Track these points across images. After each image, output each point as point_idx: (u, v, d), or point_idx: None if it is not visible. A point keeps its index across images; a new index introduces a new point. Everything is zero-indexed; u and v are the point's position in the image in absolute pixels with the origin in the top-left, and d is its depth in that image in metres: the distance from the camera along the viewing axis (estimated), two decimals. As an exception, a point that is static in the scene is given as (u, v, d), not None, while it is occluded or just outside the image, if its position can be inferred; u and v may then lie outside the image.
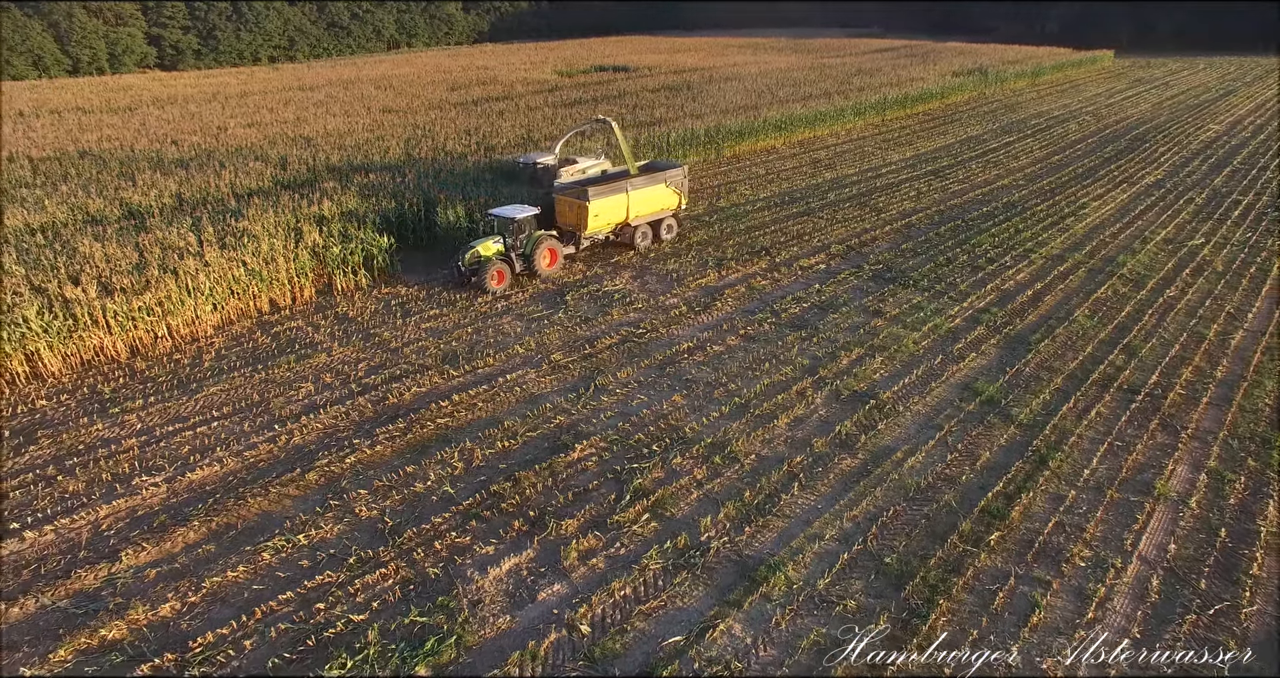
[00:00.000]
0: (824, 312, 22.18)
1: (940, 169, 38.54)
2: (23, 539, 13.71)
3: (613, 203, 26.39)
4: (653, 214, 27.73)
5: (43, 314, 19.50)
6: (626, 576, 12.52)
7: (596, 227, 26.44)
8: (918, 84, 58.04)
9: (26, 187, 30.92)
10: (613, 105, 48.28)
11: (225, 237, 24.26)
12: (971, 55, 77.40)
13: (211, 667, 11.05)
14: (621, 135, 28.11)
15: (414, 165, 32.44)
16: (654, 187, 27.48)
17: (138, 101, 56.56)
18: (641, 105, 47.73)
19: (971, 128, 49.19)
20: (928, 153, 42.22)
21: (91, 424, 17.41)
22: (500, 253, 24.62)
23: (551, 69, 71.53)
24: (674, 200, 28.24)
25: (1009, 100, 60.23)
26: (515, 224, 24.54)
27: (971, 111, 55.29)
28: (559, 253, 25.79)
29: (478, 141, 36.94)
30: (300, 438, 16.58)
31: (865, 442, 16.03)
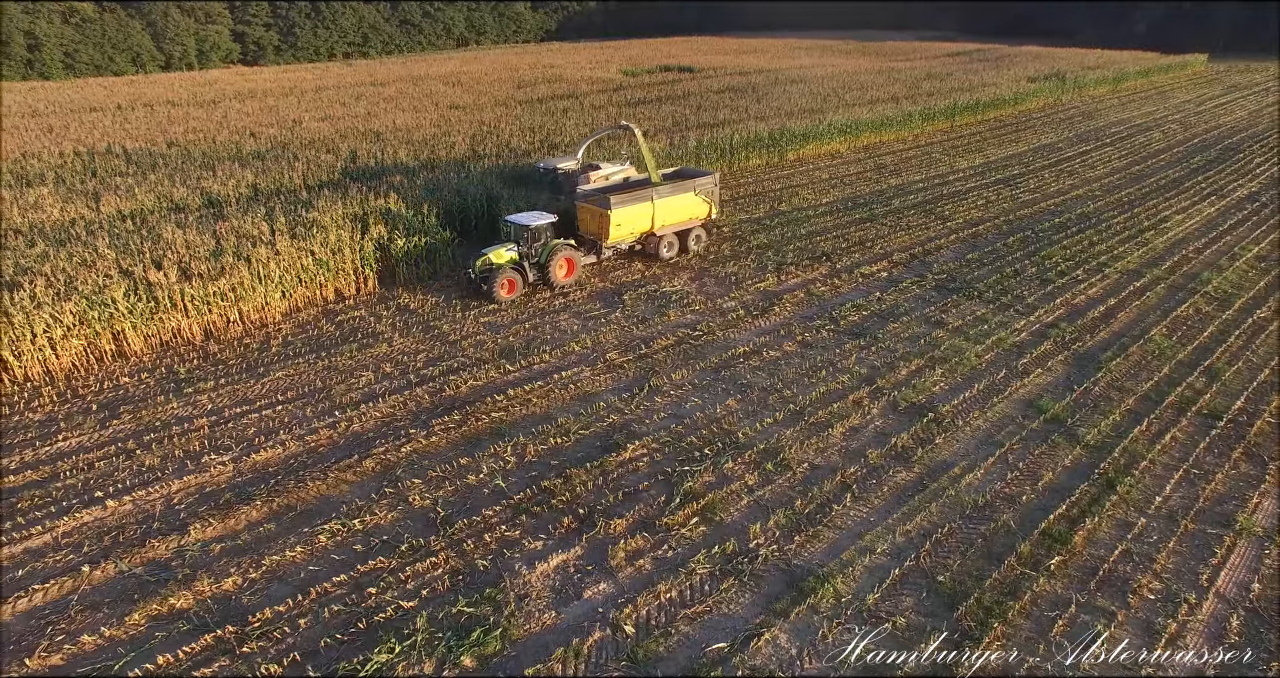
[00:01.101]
0: (884, 320, 21.72)
1: (1011, 178, 37.35)
2: (105, 507, 14.44)
3: (637, 212, 25.42)
4: (680, 224, 26.70)
5: (129, 296, 20.49)
6: (673, 578, 12.47)
7: (619, 236, 25.57)
8: (990, 89, 56.38)
9: (120, 175, 32.53)
10: (676, 106, 48.24)
11: (296, 227, 25.08)
12: (1048, 60, 74.83)
13: (268, 642, 11.41)
14: (643, 141, 27.03)
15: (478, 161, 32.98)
16: (682, 195, 26.42)
17: (221, 95, 58.98)
18: (705, 107, 47.56)
19: (1045, 135, 47.55)
20: (998, 160, 40.97)
21: (168, 402, 18.22)
22: (513, 261, 23.69)
23: (616, 68, 71.86)
24: (703, 210, 27.16)
25: (1087, 107, 58.02)
26: (530, 232, 23.67)
27: (1046, 119, 53.45)
28: (576, 263, 24.76)
29: (541, 139, 37.35)
30: (359, 425, 17.02)
31: (922, 456, 15.63)
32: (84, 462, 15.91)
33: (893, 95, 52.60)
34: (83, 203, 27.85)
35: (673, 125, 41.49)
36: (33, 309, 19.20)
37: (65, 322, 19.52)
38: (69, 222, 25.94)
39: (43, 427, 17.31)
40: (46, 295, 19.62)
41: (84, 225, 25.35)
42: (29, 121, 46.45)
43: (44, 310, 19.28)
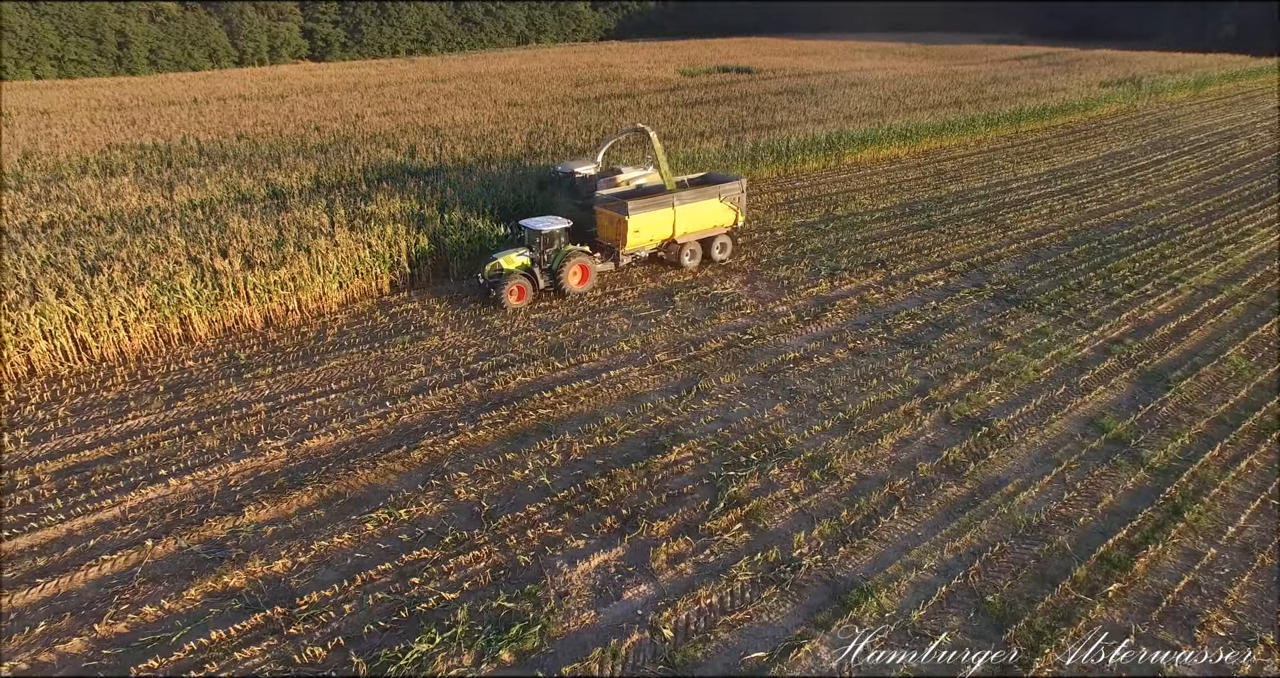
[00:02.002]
0: (939, 330, 21.19)
1: (1077, 186, 36.08)
2: (168, 485, 15.01)
3: (656, 218, 24.61)
4: (703, 231, 25.88)
5: (196, 282, 21.25)
6: (714, 584, 12.36)
7: (638, 243, 24.83)
8: (1058, 94, 54.59)
9: (193, 166, 33.80)
10: (733, 107, 47.94)
11: (354, 219, 25.70)
12: (1123, 63, 72.06)
13: (314, 625, 11.68)
14: (659, 146, 26.05)
15: (534, 159, 33.30)
16: (705, 202, 25.50)
17: (289, 90, 60.81)
18: (763, 108, 47.15)
19: (1117, 143, 45.82)
20: (1064, 168, 39.63)
21: (228, 386, 18.83)
22: (524, 267, 23.08)
23: (674, 68, 71.78)
24: (729, 217, 26.23)
25: (1164, 114, 55.71)
26: (543, 237, 23.07)
27: (1119, 125, 51.50)
28: (591, 270, 24.03)
29: (597, 138, 37.49)
30: (409, 417, 17.32)
31: (974, 471, 15.19)
32: (150, 440, 16.55)
33: (955, 99, 51.37)
34: (158, 192, 29.02)
35: (729, 126, 41.25)
36: (110, 292, 20.07)
37: (138, 305, 20.36)
38: (145, 210, 27.06)
39: (115, 405, 18.08)
40: (123, 280, 20.50)
41: (158, 214, 26.42)
42: (115, 115, 48.61)
43: (120, 294, 20.14)
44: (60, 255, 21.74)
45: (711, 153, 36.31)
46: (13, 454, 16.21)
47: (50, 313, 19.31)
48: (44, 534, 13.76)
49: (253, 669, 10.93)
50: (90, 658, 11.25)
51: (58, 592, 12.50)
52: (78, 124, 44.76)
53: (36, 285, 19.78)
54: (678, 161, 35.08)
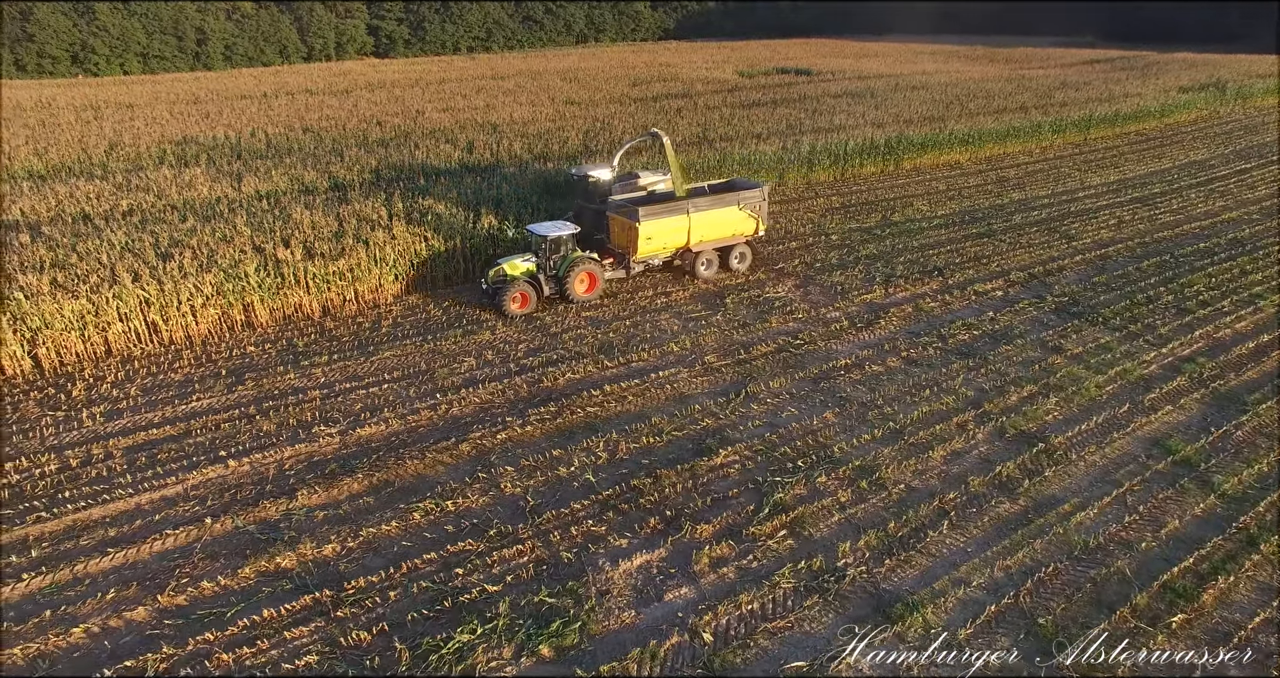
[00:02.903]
0: (996, 342, 20.63)
1: (1150, 196, 34.72)
2: (227, 466, 15.55)
3: (669, 225, 23.90)
4: (721, 240, 25.04)
5: (259, 271, 21.96)
6: (756, 590, 12.26)
7: (650, 250, 24.13)
8: (1133, 100, 52.56)
9: (261, 158, 34.95)
10: (791, 109, 47.43)
11: (412, 213, 26.23)
12: (1206, 67, 68.83)
13: (360, 610, 11.95)
14: (671, 151, 25.05)
15: (590, 157, 33.47)
16: (723, 209, 24.70)
17: (354, 85, 62.36)
18: (821, 111, 46.52)
19: (1196, 151, 43.92)
20: (1136, 178, 38.16)
21: (286, 373, 19.41)
22: (528, 273, 22.61)
23: (732, 69, 71.38)
24: (749, 225, 25.39)
25: (1251, 121, 53.13)
26: (548, 243, 22.55)
27: (1198, 133, 49.35)
28: (599, 278, 23.40)
29: (653, 138, 37.47)
30: (458, 409, 17.59)
31: (1029, 487, 14.73)
32: (212, 422, 17.17)
33: (1021, 105, 49.88)
34: (228, 183, 30.06)
35: (786, 128, 40.83)
36: (180, 278, 20.88)
37: (205, 291, 21.13)
38: (215, 200, 28.05)
39: (181, 387, 18.81)
40: (192, 266, 21.32)
41: (227, 204, 27.37)
42: (191, 108, 50.55)
43: (189, 280, 20.93)
44: (137, 242, 22.70)
45: (768, 155, 36.02)
46: (89, 429, 17.02)
47: (126, 296, 20.18)
48: (115, 507, 14.41)
49: (301, 649, 11.24)
50: (153, 627, 11.74)
51: (125, 562, 13.09)
52: (158, 117, 46.69)
53: (115, 270, 20.69)
54: (733, 164, 34.97)
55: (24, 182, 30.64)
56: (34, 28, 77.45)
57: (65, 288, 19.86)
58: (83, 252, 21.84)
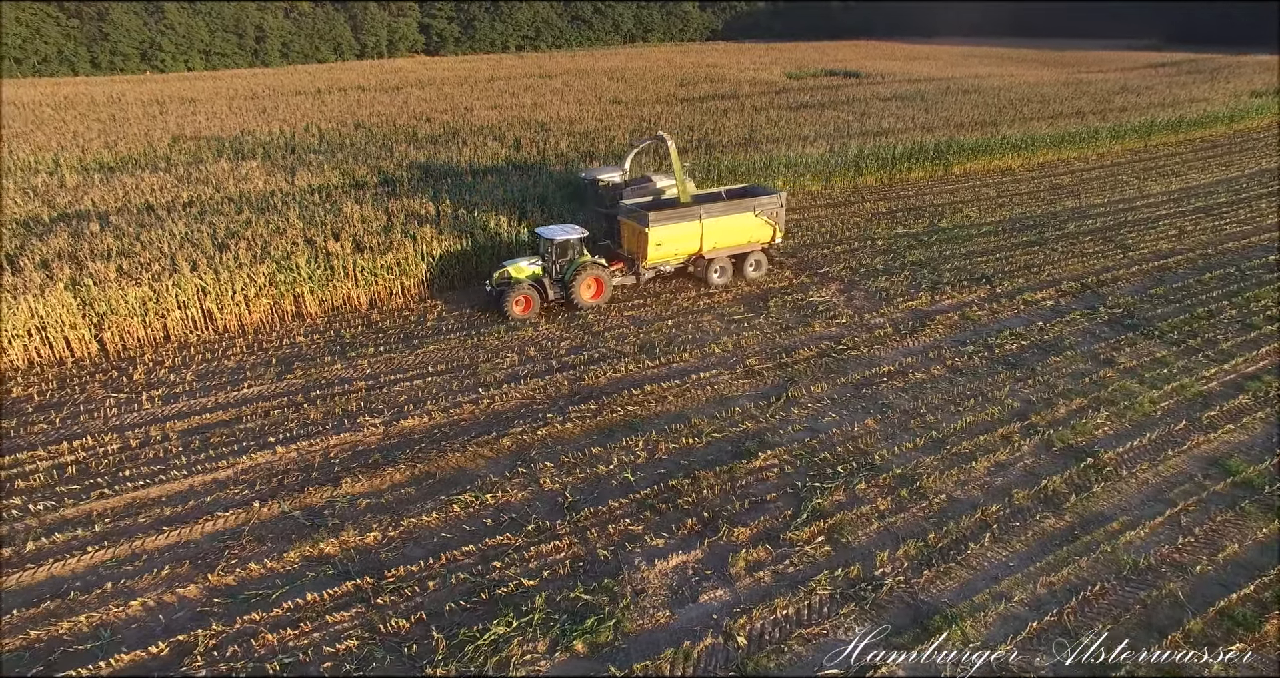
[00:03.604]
0: (1045, 353, 20.16)
1: (1215, 206, 33.51)
2: (275, 452, 15.99)
3: (681, 231, 23.41)
4: (734, 247, 24.50)
5: (310, 263, 22.51)
6: (792, 595, 12.20)
7: (660, 256, 23.71)
8: (1199, 105, 50.74)
9: (314, 152, 35.82)
10: (839, 112, 46.94)
11: (458, 209, 26.62)
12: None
13: (399, 598, 12.19)
14: (676, 155, 24.48)
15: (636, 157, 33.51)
16: (737, 215, 24.12)
17: (404, 82, 63.47)
18: (869, 114, 45.95)
19: (1268, 159, 42.22)
20: (1200, 186, 36.88)
21: (333, 363, 19.87)
22: (533, 276, 22.33)
23: (780, 70, 70.90)
24: (765, 232, 24.81)
25: (1327, 129, 50.90)
26: (555, 246, 22.30)
27: (1272, 140, 47.41)
28: (606, 283, 22.95)
29: (700, 138, 37.48)
30: (500, 404, 17.82)
31: (1075, 503, 14.37)
32: (262, 409, 17.67)
33: (1078, 110, 48.58)
34: (282, 176, 30.89)
35: (834, 131, 40.41)
36: (235, 268, 21.53)
37: (259, 282, 21.75)
38: (269, 193, 28.86)
39: (233, 374, 19.39)
40: (246, 257, 21.96)
41: (280, 197, 28.13)
42: (249, 103, 52.03)
43: (243, 270, 21.57)
44: (196, 232, 23.47)
45: (815, 158, 35.72)
46: (148, 411, 17.69)
47: (185, 284, 20.88)
48: (171, 487, 14.95)
49: (342, 633, 11.52)
50: (204, 604, 12.15)
51: (179, 540, 13.58)
52: (218, 112, 48.14)
53: (175, 259, 21.42)
54: (779, 167, 34.80)
55: (95, 173, 31.89)
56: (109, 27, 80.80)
57: (129, 275, 20.63)
58: (146, 241, 22.66)
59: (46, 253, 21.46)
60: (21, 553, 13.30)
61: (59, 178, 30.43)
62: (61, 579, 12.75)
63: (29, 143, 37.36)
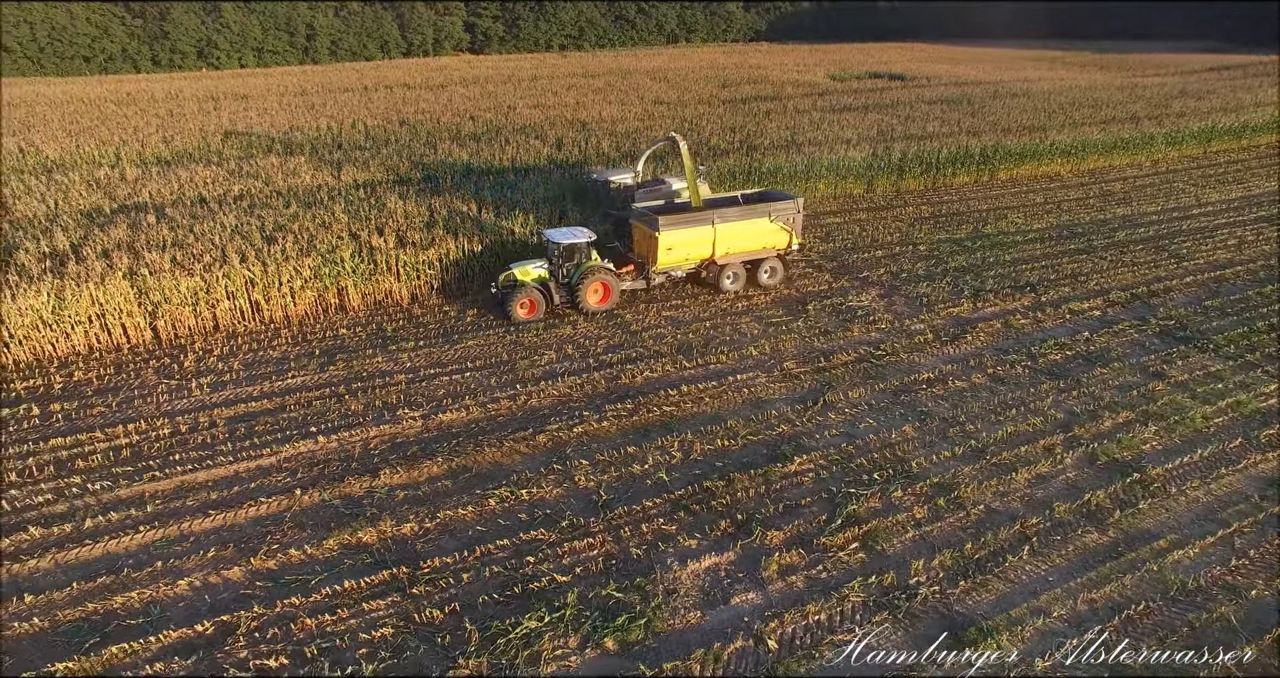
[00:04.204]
0: (1090, 364, 19.68)
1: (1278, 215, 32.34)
2: (316, 442, 16.35)
3: (692, 236, 22.88)
4: (749, 253, 23.92)
5: (354, 257, 22.96)
6: (824, 601, 12.11)
7: (671, 262, 23.22)
8: (1265, 110, 48.87)
9: (360, 149, 36.50)
10: (883, 114, 46.36)
11: (499, 206, 26.90)
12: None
13: (434, 589, 12.38)
14: (688, 157, 23.89)
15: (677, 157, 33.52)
16: (752, 221, 23.53)
17: (449, 80, 64.31)
18: (914, 117, 45.31)
19: (1331, 170, 40.64)
20: (1263, 194, 35.61)
21: (374, 356, 20.24)
22: (539, 279, 22.12)
23: (824, 72, 70.27)
24: (781, 239, 24.18)
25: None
26: (561, 249, 22.00)
27: (1337, 150, 45.60)
28: (613, 289, 22.63)
29: (741, 140, 37.33)
30: (537, 401, 17.98)
31: (1120, 519, 14.01)
32: (305, 399, 18.08)
33: (1132, 115, 47.28)
34: (328, 172, 31.55)
35: (877, 135, 39.92)
36: (282, 261, 22.05)
37: (304, 274, 22.25)
38: (316, 187, 29.49)
39: (278, 363, 19.88)
40: (293, 250, 22.48)
41: (327, 191, 28.73)
42: (298, 100, 53.24)
43: (290, 263, 22.08)
44: (245, 225, 24.09)
45: (857, 161, 35.36)
46: (197, 398, 18.23)
47: (234, 275, 21.46)
48: (217, 472, 15.39)
49: (378, 621, 11.74)
50: (246, 586, 12.49)
51: (224, 524, 13.97)
52: (268, 108, 49.33)
53: (225, 251, 22.02)
54: (821, 170, 34.51)
55: (153, 167, 32.93)
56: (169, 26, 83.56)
57: (183, 266, 21.27)
58: (198, 233, 23.33)
59: (107, 243, 22.23)
60: (81, 529, 13.86)
61: (120, 171, 31.48)
62: (116, 556, 13.24)
63: (94, 137, 38.72)
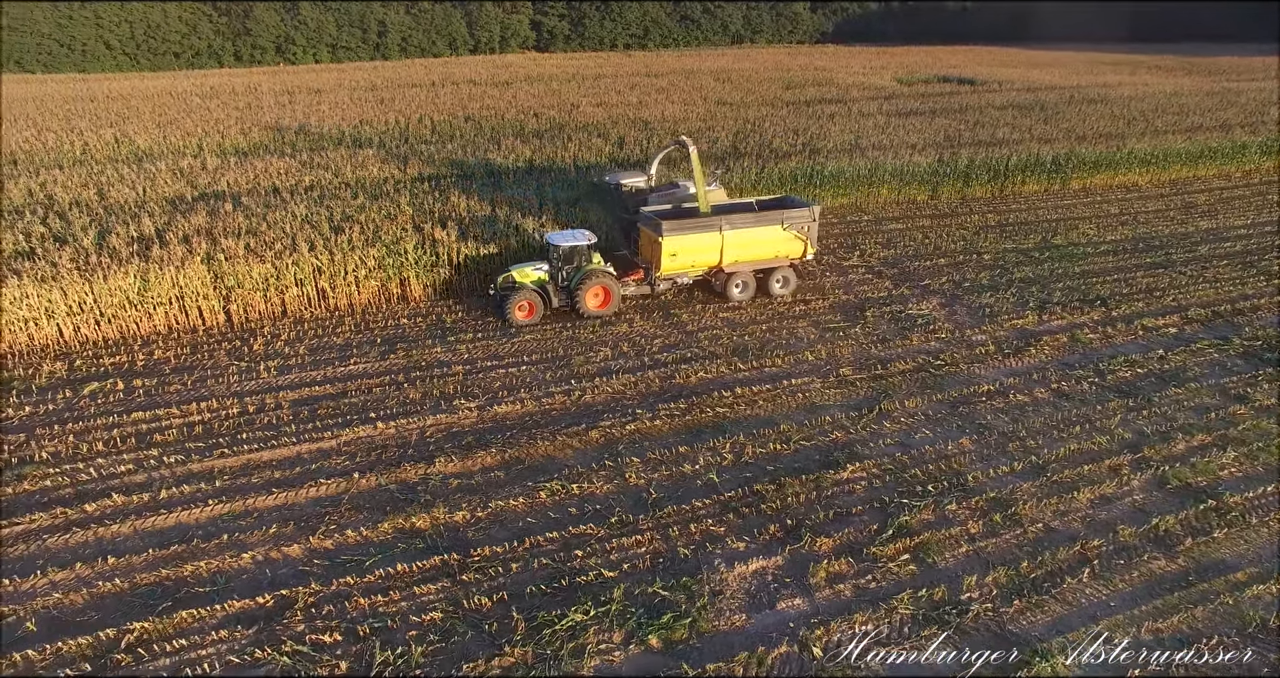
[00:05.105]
0: (1164, 383, 18.87)
1: (1374, 236, 30.46)
2: (375, 427, 16.81)
3: (698, 242, 22.32)
4: (759, 261, 23.22)
5: (417, 248, 23.50)
6: (872, 611, 11.92)
7: (675, 268, 22.70)
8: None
9: (425, 143, 37.35)
10: (950, 119, 45.27)
11: (560, 204, 27.17)
12: None
13: (483, 577, 12.60)
14: (698, 162, 23.26)
15: (739, 159, 33.40)
16: (763, 228, 22.91)
17: (514, 77, 65.18)
18: (983, 123, 44.10)
19: None
20: (1358, 213, 33.61)
21: (433, 346, 20.70)
22: (538, 282, 21.89)
23: (890, 75, 68.95)
24: (795, 247, 23.47)
25: None
26: (561, 252, 21.75)
27: None
28: (613, 293, 22.15)
29: (804, 142, 36.91)
30: (590, 397, 18.13)
31: (1191, 547, 13.41)
32: (365, 386, 18.60)
33: (1222, 122, 45.05)
34: (395, 165, 32.35)
35: (944, 140, 39.00)
36: (348, 250, 22.71)
37: (369, 264, 22.88)
38: (382, 180, 30.30)
39: (341, 350, 20.50)
40: (359, 240, 23.13)
41: (393, 184, 29.49)
42: (368, 94, 54.69)
43: (356, 253, 22.73)
44: (315, 215, 24.89)
45: (922, 166, 34.63)
46: (265, 381, 18.94)
47: (303, 263, 22.21)
48: (280, 452, 15.97)
49: (428, 605, 12.01)
50: (305, 564, 12.94)
51: (286, 503, 14.50)
52: (340, 102, 50.84)
53: (295, 239, 22.79)
54: (884, 174, 33.90)
55: (231, 157, 34.34)
56: (252, 23, 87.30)
57: (255, 253, 22.10)
58: (271, 221, 24.20)
59: (188, 229, 23.25)
60: (157, 499, 14.59)
61: (201, 161, 32.90)
62: (187, 527, 13.89)
63: (180, 129, 40.53)
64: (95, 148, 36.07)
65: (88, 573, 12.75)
